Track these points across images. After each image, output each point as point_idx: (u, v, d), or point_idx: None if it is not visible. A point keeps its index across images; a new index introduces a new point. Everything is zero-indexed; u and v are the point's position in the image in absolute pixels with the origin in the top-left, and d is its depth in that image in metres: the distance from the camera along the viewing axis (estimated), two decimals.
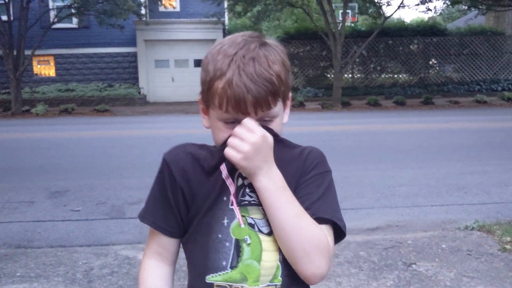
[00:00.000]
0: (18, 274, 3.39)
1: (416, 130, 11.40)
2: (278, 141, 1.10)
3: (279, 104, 1.09)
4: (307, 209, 1.05)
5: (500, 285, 3.03)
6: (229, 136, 1.06)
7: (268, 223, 1.06)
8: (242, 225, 1.06)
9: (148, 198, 1.16)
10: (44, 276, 3.35)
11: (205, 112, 1.15)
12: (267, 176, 1.03)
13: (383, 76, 23.23)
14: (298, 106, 18.08)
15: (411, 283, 3.08)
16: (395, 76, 23.27)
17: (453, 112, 15.84)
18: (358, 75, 23.00)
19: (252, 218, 1.07)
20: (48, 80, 22.16)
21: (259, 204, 1.07)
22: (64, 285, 3.21)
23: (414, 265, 3.37)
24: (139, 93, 21.53)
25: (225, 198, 1.08)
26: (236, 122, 1.06)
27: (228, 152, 1.03)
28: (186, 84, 21.97)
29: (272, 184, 1.03)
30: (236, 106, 1.03)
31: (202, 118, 1.17)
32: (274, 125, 1.10)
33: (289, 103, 1.17)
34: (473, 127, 11.63)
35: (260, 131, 1.03)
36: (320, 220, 1.05)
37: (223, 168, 1.08)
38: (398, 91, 20.79)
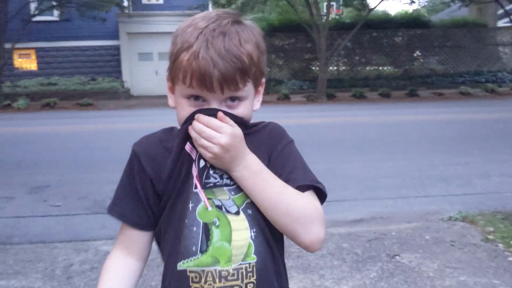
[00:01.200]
0: None
1: (400, 122, 11.45)
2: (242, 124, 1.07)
3: (249, 86, 1.04)
4: (285, 181, 1.04)
5: (482, 275, 3.03)
6: (191, 114, 1.02)
7: (235, 203, 1.04)
8: (210, 208, 1.03)
9: (117, 190, 1.13)
10: (23, 273, 3.28)
11: (172, 90, 1.10)
12: (241, 165, 1.02)
13: (368, 68, 23.32)
14: (283, 98, 18.05)
15: (394, 275, 3.07)
16: (380, 68, 23.37)
17: (437, 104, 15.95)
18: (343, 68, 23.05)
19: (218, 199, 1.04)
20: (29, 74, 21.83)
21: (223, 185, 1.05)
22: (43, 281, 3.14)
23: (397, 257, 3.36)
24: (123, 86, 21.32)
25: (191, 181, 1.05)
26: (201, 99, 1.02)
27: (200, 152, 1.02)
28: None
29: (247, 171, 1.02)
30: (201, 81, 0.98)
31: (169, 98, 1.12)
32: (242, 108, 1.05)
33: (261, 90, 1.12)
34: (456, 118, 11.72)
35: (228, 130, 1.00)
36: (301, 188, 1.05)
37: (188, 148, 1.05)
38: (383, 83, 20.88)
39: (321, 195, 1.10)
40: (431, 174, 5.98)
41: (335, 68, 22.87)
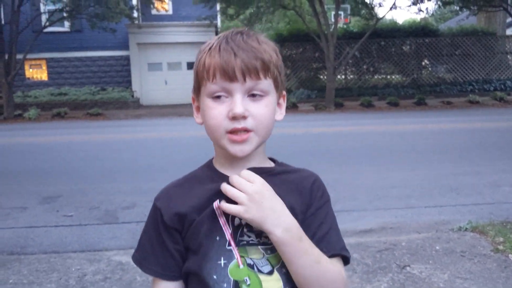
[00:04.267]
0: (10, 281, 3.36)
1: (409, 131, 11.44)
2: (278, 165, 1.10)
3: (270, 84, 1.05)
4: (319, 240, 1.04)
5: (493, 286, 3.04)
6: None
7: (269, 262, 1.04)
8: (241, 266, 1.02)
9: (143, 243, 1.12)
10: (37, 282, 3.33)
11: (198, 110, 1.13)
12: (278, 226, 0.99)
13: (376, 77, 23.29)
14: (291, 107, 18.09)
15: (405, 286, 3.09)
16: (388, 77, 23.34)
17: (445, 113, 15.91)
18: (351, 76, 23.03)
19: (251, 258, 1.03)
20: (40, 84, 22.05)
21: (257, 243, 1.04)
22: None
23: (408, 267, 3.37)
24: (132, 96, 21.47)
25: (218, 238, 1.03)
26: (224, 94, 1.02)
27: (228, 207, 1.00)
28: (179, 87, 21.94)
29: (288, 236, 0.99)
30: (223, 71, 1.00)
31: (195, 117, 1.14)
32: (262, 105, 1.04)
33: (283, 103, 1.15)
34: (465, 127, 11.69)
35: (259, 180, 1.00)
36: (332, 255, 1.06)
37: (217, 207, 1.04)
38: (391, 92, 20.85)
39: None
40: (440, 184, 5.97)
41: (343, 77, 22.89)
